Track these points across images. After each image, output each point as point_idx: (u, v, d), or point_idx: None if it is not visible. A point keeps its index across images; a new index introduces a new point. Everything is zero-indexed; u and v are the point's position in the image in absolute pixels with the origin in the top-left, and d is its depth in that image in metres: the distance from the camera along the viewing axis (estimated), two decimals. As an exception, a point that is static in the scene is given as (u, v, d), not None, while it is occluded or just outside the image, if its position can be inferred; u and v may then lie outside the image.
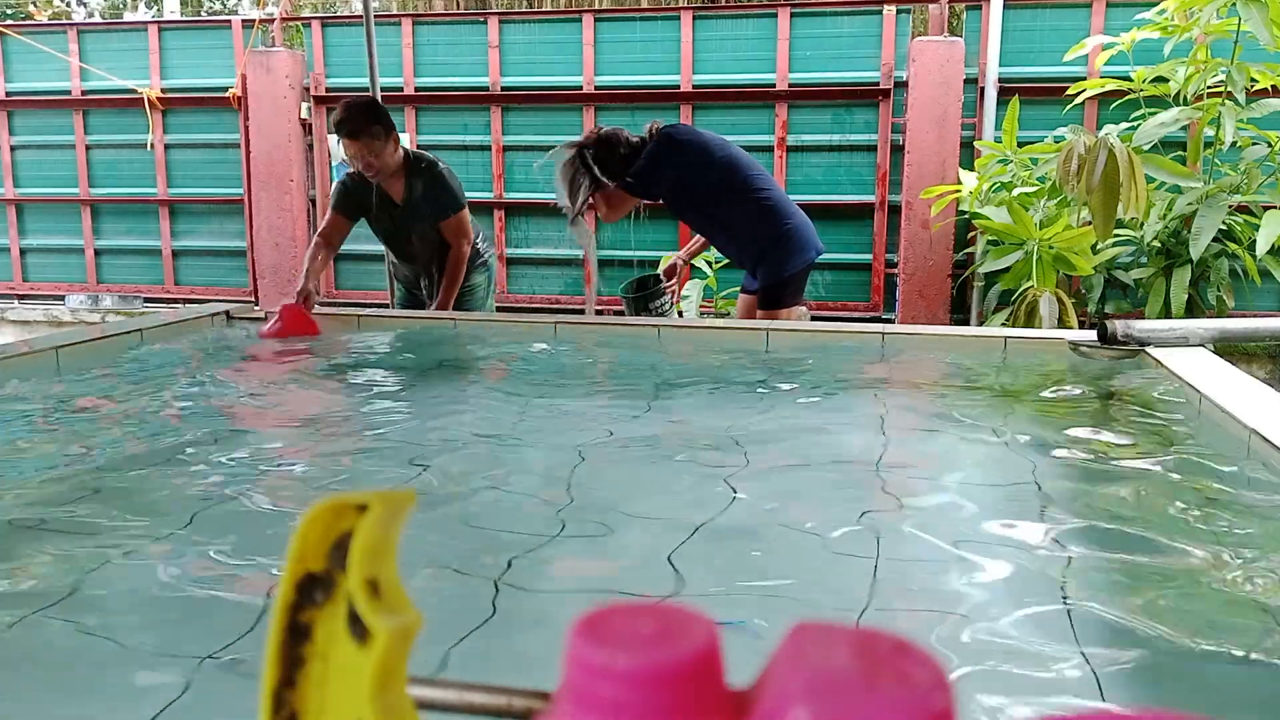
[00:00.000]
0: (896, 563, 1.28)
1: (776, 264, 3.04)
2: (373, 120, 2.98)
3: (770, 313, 3.07)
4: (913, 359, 2.69)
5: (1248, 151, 4.48)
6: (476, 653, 0.99)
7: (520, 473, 1.70)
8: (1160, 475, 1.60)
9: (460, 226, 3.15)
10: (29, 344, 2.61)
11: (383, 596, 0.33)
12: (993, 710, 0.91)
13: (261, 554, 1.29)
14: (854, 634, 0.27)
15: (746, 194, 3.01)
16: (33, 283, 6.72)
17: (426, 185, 3.09)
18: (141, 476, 1.62)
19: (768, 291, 3.08)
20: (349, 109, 2.99)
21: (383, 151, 3.00)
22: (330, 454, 1.83)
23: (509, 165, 6.01)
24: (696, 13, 5.67)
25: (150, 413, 2.08)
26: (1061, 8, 5.26)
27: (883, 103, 5.48)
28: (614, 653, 0.26)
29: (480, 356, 2.87)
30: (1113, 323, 2.43)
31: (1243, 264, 4.41)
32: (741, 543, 1.33)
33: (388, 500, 0.34)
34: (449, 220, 3.11)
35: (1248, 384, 1.94)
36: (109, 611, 1.12)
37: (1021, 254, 4.43)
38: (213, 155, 6.36)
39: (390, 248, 3.27)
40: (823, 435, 1.93)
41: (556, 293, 6.09)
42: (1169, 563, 1.24)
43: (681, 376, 2.55)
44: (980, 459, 1.74)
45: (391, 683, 0.33)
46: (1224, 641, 1.02)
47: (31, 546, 1.32)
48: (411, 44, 5.91)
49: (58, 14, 11.32)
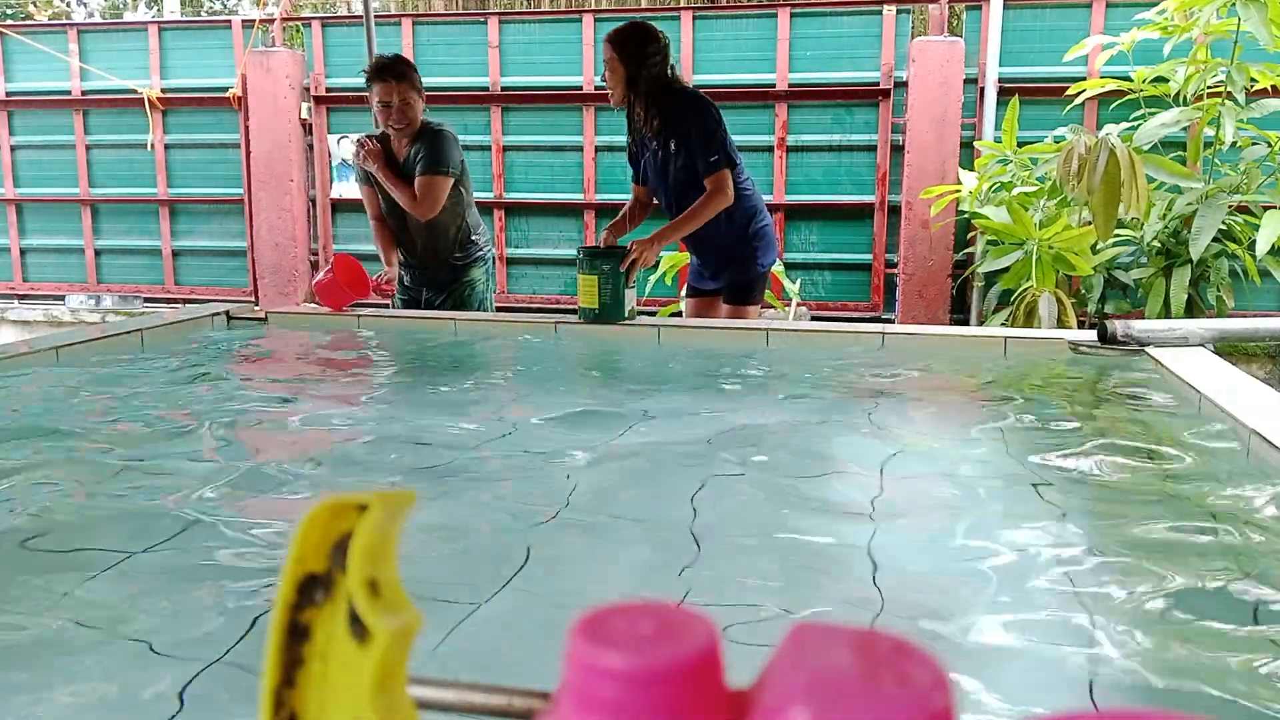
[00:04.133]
0: (897, 563, 1.28)
1: (751, 260, 3.05)
2: (414, 71, 3.08)
3: (741, 310, 3.08)
4: (912, 359, 2.69)
5: (1247, 151, 4.49)
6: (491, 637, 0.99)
7: (520, 473, 1.70)
8: (1160, 476, 1.60)
9: (428, 185, 3.05)
10: (29, 344, 2.61)
11: (383, 596, 0.33)
12: (992, 710, 0.91)
13: (261, 554, 1.29)
14: (854, 634, 0.27)
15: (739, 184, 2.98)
16: (33, 283, 6.72)
17: (425, 145, 3.09)
18: (141, 477, 1.63)
19: (741, 288, 3.08)
20: (392, 56, 3.13)
21: (415, 103, 3.05)
22: (330, 454, 1.83)
23: (509, 165, 6.01)
24: (696, 13, 5.68)
25: (150, 413, 2.08)
26: (1061, 8, 5.26)
27: (883, 103, 5.48)
28: (614, 653, 0.26)
29: (480, 357, 2.87)
30: (1112, 323, 2.43)
31: (1242, 264, 4.41)
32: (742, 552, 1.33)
33: (388, 500, 0.34)
34: (425, 176, 3.05)
35: (1248, 384, 1.94)
36: (107, 609, 1.12)
37: (1021, 254, 4.43)
38: (213, 155, 6.36)
39: (391, 219, 3.25)
40: (822, 435, 1.93)
41: (556, 293, 6.09)
42: (1169, 562, 1.24)
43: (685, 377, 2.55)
44: (979, 459, 1.74)
45: (391, 683, 0.33)
46: (1224, 639, 1.03)
47: (26, 562, 1.32)
48: (411, 44, 5.91)
49: (58, 14, 11.32)
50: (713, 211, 2.88)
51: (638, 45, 2.87)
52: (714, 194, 2.85)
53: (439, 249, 3.26)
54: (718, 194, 2.84)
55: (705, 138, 2.84)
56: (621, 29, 2.93)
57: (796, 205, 5.66)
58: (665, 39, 2.92)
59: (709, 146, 2.83)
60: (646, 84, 2.88)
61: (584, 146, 5.87)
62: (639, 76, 2.87)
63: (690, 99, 2.92)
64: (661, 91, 2.90)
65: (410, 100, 3.04)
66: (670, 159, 2.94)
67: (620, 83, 2.90)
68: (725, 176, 2.84)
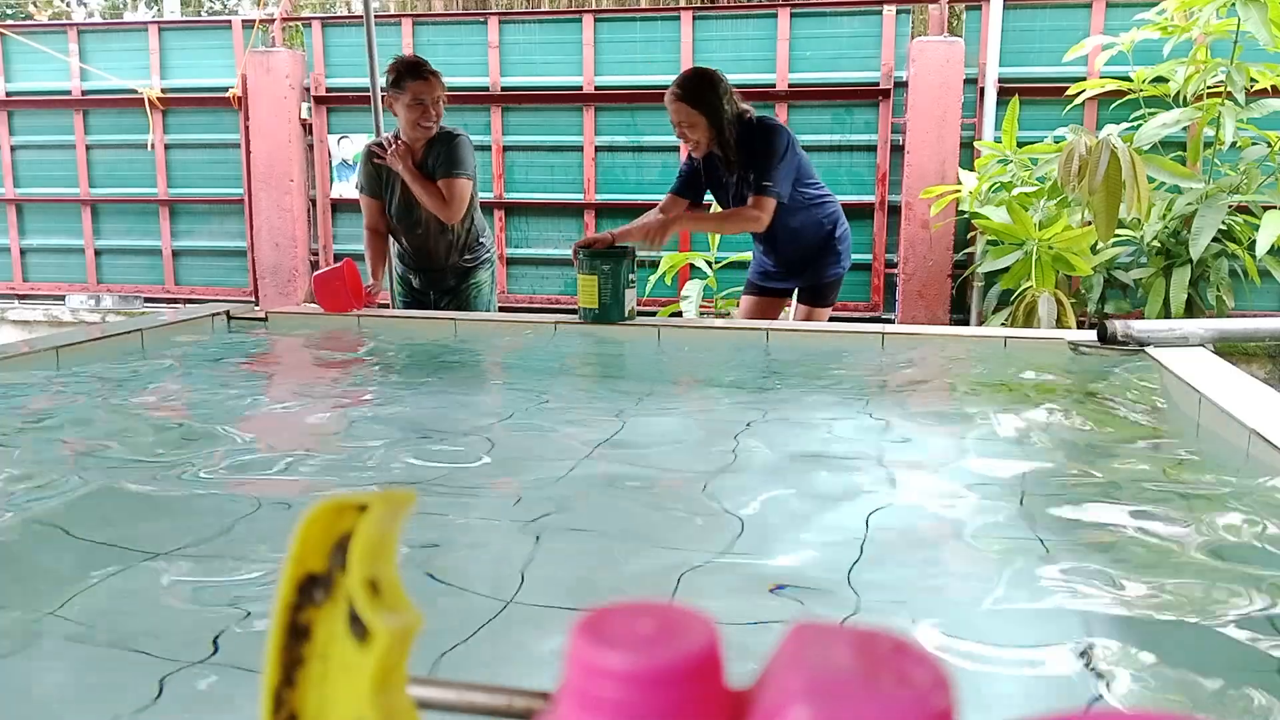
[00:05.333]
0: (893, 562, 1.28)
1: (834, 263, 3.12)
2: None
3: (817, 312, 3.18)
4: (912, 359, 2.69)
5: (1247, 151, 4.49)
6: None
7: (522, 472, 1.70)
8: (1159, 476, 1.60)
9: (454, 189, 3.10)
10: (29, 344, 2.61)
11: (383, 596, 0.33)
12: (992, 710, 0.91)
13: (260, 554, 1.29)
14: (854, 634, 0.27)
15: (820, 187, 3.07)
16: (33, 283, 6.72)
17: (443, 148, 3.12)
18: (139, 477, 1.63)
19: (821, 289, 3.16)
20: (417, 57, 3.16)
21: (440, 103, 3.07)
22: (330, 453, 1.84)
23: (509, 165, 6.01)
24: (696, 13, 5.68)
25: (150, 411, 2.08)
26: (1061, 8, 5.27)
27: (883, 103, 5.48)
28: (614, 653, 0.26)
29: (480, 356, 2.87)
30: (1112, 323, 2.43)
31: (1242, 264, 4.41)
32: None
33: (388, 500, 0.34)
34: (448, 180, 3.09)
35: (1248, 384, 1.94)
36: (110, 613, 1.12)
37: (1021, 254, 4.44)
38: (213, 155, 6.36)
39: (402, 224, 3.25)
40: (818, 435, 1.93)
41: (556, 293, 6.09)
42: (1168, 563, 1.24)
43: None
44: (977, 459, 1.74)
45: (391, 682, 0.33)
46: (1223, 639, 1.03)
47: (38, 549, 1.32)
48: (411, 44, 5.91)
49: (58, 14, 11.32)
50: (739, 226, 2.94)
51: (710, 92, 2.84)
52: (751, 210, 2.87)
53: (450, 252, 3.28)
54: (754, 212, 2.86)
55: (769, 164, 2.85)
56: (684, 82, 2.88)
57: (796, 205, 5.66)
58: (723, 76, 2.90)
59: (767, 173, 2.85)
60: (729, 126, 2.87)
61: (584, 146, 5.87)
62: (721, 120, 2.85)
63: (766, 131, 2.90)
64: (741, 128, 2.90)
65: (441, 98, 3.07)
66: (744, 184, 2.96)
67: (705, 134, 2.88)
68: (770, 204, 2.85)
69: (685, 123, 2.88)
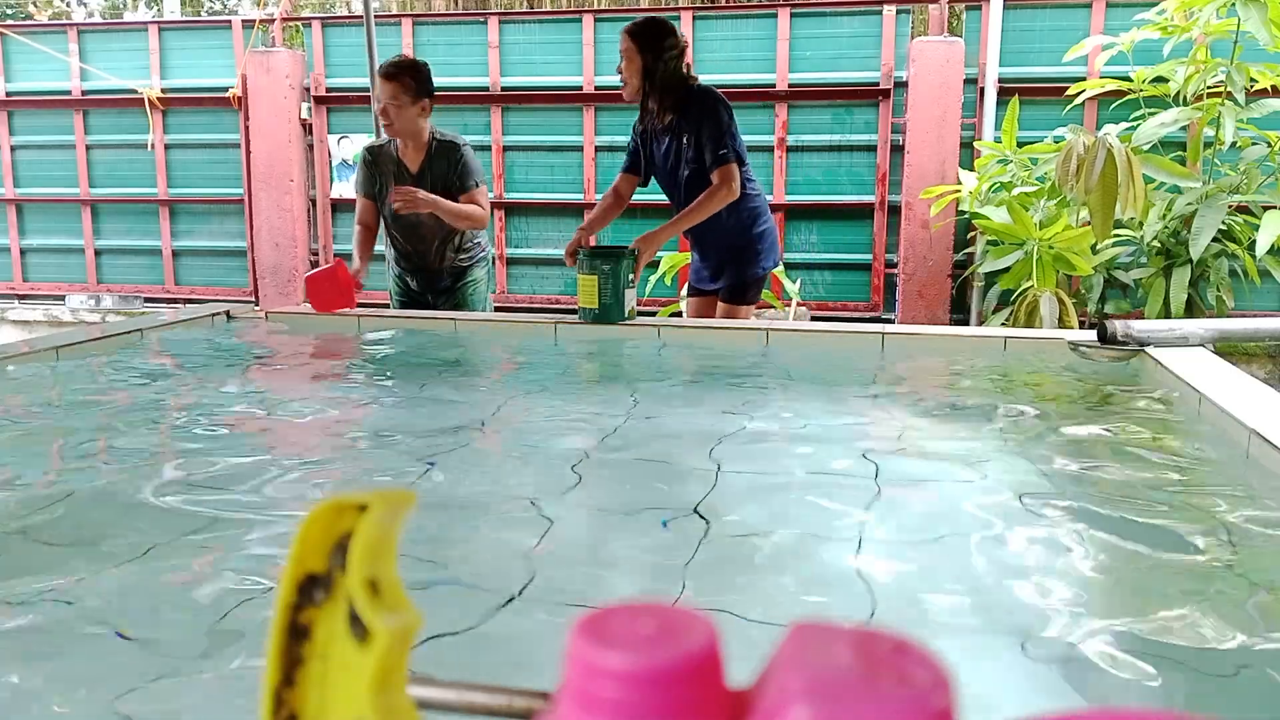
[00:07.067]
0: (893, 563, 1.28)
1: (753, 262, 3.08)
2: (411, 74, 3.08)
3: (734, 309, 3.12)
4: (911, 359, 2.69)
5: (1247, 151, 4.49)
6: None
7: (521, 472, 1.70)
8: (1159, 476, 1.60)
9: (479, 199, 3.18)
10: (29, 344, 2.61)
11: (383, 596, 0.33)
12: (992, 710, 0.91)
13: (260, 554, 1.29)
14: (854, 634, 0.27)
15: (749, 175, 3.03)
16: (33, 283, 6.73)
17: (445, 159, 3.14)
18: (139, 476, 1.63)
19: (739, 288, 3.12)
20: (399, 59, 3.15)
21: (406, 108, 3.05)
22: (330, 453, 1.84)
23: (509, 165, 6.02)
24: (696, 13, 5.68)
25: (149, 412, 2.08)
26: (1061, 8, 5.27)
27: (883, 103, 5.48)
28: (614, 653, 0.26)
29: (481, 356, 2.87)
30: (1112, 323, 2.43)
31: (1242, 264, 4.41)
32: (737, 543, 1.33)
33: (388, 500, 0.34)
34: (472, 192, 3.15)
35: (1248, 384, 1.94)
36: (111, 612, 1.12)
37: (1021, 254, 4.44)
38: (213, 155, 6.36)
39: (398, 229, 3.26)
40: (817, 435, 1.93)
41: (556, 293, 6.09)
42: (1167, 563, 1.24)
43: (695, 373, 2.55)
44: (977, 460, 1.74)
45: (391, 682, 0.33)
46: (1222, 641, 1.03)
47: (29, 554, 1.32)
48: (411, 44, 5.91)
49: (58, 14, 11.32)
50: (718, 205, 2.88)
51: (655, 37, 2.90)
52: (719, 187, 2.86)
53: (445, 251, 3.29)
54: (723, 187, 2.86)
55: (717, 132, 2.86)
56: (639, 21, 2.96)
57: (796, 205, 5.66)
58: (683, 37, 2.96)
59: (719, 140, 2.85)
60: (663, 77, 2.90)
61: (584, 146, 5.87)
62: (655, 68, 2.89)
63: (705, 95, 2.93)
64: (676, 86, 2.93)
65: (400, 101, 3.04)
66: (682, 154, 2.95)
67: (636, 73, 2.92)
68: (732, 170, 2.85)
69: (625, 58, 2.93)
